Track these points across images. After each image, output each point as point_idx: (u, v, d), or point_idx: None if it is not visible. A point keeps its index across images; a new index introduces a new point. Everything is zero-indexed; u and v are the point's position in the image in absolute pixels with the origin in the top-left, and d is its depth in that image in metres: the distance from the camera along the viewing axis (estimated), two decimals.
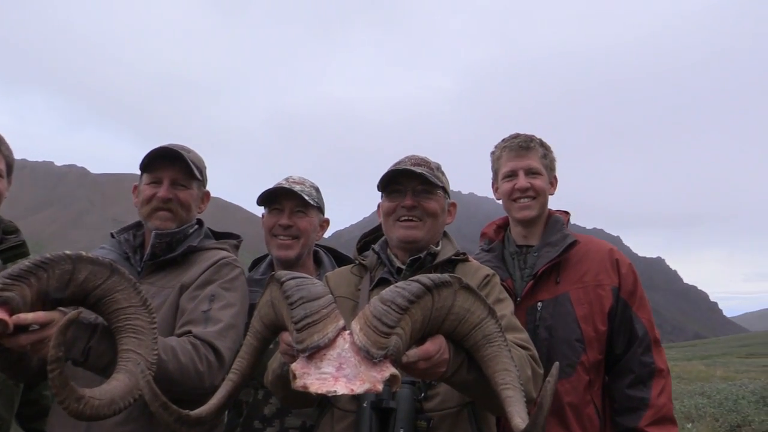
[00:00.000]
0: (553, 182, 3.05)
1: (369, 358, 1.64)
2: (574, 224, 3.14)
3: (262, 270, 3.22)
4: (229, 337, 2.47)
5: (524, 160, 2.97)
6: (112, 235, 2.81)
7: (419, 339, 1.82)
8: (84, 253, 2.00)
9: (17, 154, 2.87)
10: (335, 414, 2.37)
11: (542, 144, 3.01)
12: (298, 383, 1.63)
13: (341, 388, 1.58)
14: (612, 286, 2.83)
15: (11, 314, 1.83)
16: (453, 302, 1.82)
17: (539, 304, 2.84)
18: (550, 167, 3.02)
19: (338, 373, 1.63)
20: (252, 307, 2.86)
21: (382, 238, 2.72)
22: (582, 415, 2.71)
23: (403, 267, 2.54)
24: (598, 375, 2.84)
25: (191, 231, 2.79)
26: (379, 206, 2.72)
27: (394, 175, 2.57)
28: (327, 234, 3.28)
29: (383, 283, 2.52)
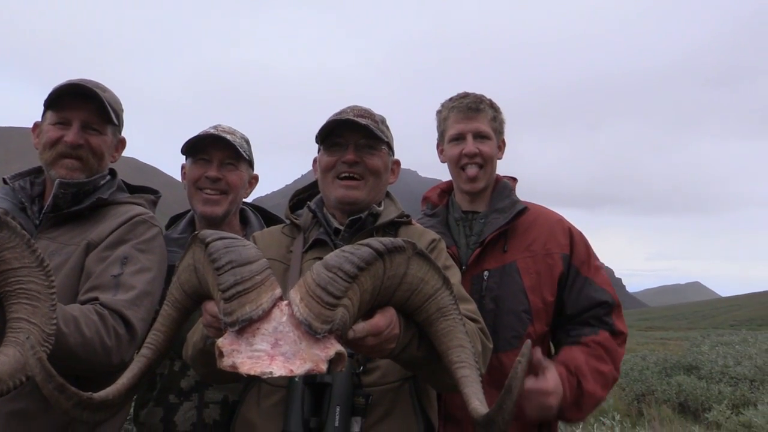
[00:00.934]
0: (501, 146, 2.87)
1: (311, 333, 1.41)
2: None
3: (181, 228, 2.89)
4: (143, 306, 2.17)
5: (473, 123, 2.76)
6: (5, 181, 2.43)
7: (367, 312, 1.60)
8: None
9: None
10: (262, 389, 2.14)
11: (492, 105, 2.81)
12: (226, 362, 1.38)
13: (278, 369, 1.34)
14: (562, 254, 2.69)
15: None
16: (406, 270, 1.61)
17: (486, 273, 2.67)
18: (499, 130, 2.84)
19: (274, 351, 1.39)
20: (170, 271, 2.55)
21: (318, 196, 2.47)
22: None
23: (341, 228, 2.31)
24: (543, 347, 2.72)
25: (102, 182, 2.44)
26: (315, 161, 2.47)
27: (335, 126, 2.31)
28: (248, 199, 2.98)
29: (319, 244, 2.29)
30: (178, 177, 2.85)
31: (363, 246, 1.55)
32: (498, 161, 2.85)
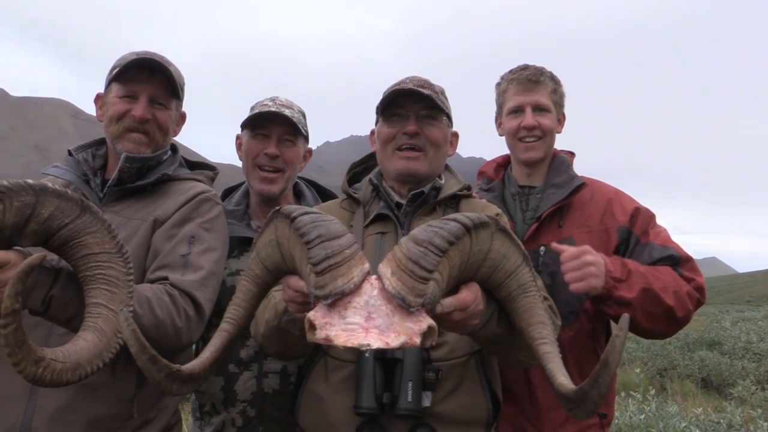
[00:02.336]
0: (561, 119, 2.82)
1: (404, 306, 1.43)
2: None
3: (236, 200, 2.89)
4: (210, 286, 2.18)
5: (532, 95, 2.72)
6: (70, 153, 2.43)
7: (452, 288, 1.61)
8: (49, 184, 1.67)
9: None
10: (329, 364, 2.14)
11: (552, 77, 2.77)
12: (319, 335, 1.39)
13: (375, 341, 1.36)
14: (618, 227, 2.65)
15: None
16: (490, 246, 1.62)
17: (542, 248, 2.66)
18: (560, 103, 2.79)
19: (368, 324, 1.41)
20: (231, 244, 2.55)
21: (377, 169, 2.45)
22: (583, 364, 2.59)
23: (403, 202, 2.30)
24: (602, 325, 2.71)
25: (165, 157, 2.44)
26: (373, 132, 2.45)
27: (396, 97, 2.27)
28: None
29: (381, 219, 2.28)
30: (188, 145, 2.81)
31: (450, 221, 1.56)
32: (558, 135, 2.81)
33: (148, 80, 2.31)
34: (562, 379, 1.51)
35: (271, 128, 2.72)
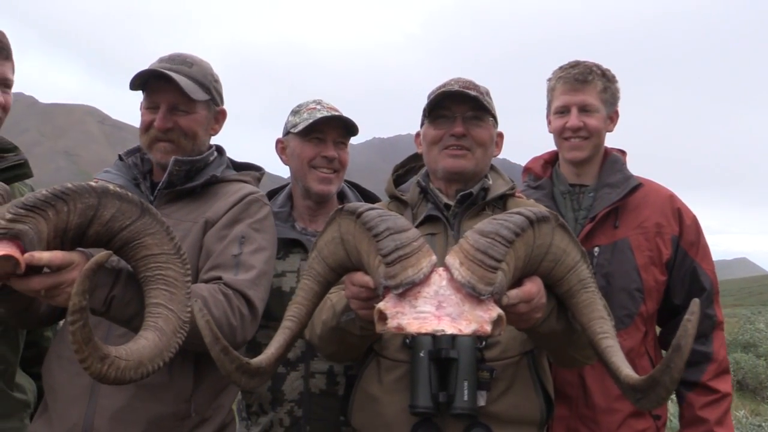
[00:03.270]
0: (613, 117, 2.78)
1: (474, 295, 1.45)
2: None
3: (280, 202, 2.93)
4: (262, 286, 2.21)
5: (578, 95, 2.69)
6: (120, 158, 2.47)
7: (516, 281, 1.63)
8: (111, 187, 1.70)
9: None
10: (382, 364, 2.16)
11: (604, 75, 2.72)
12: (391, 324, 1.42)
13: (448, 327, 1.39)
14: (672, 235, 2.64)
15: (23, 251, 1.53)
16: (551, 241, 1.65)
17: (596, 249, 2.63)
18: (611, 101, 2.74)
19: (439, 312, 1.44)
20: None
21: (423, 171, 2.46)
22: (637, 366, 2.56)
23: (451, 203, 2.31)
24: (651, 326, 2.70)
25: (211, 159, 2.47)
26: (418, 135, 2.46)
27: (442, 99, 2.29)
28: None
29: (430, 220, 2.29)
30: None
31: (514, 214, 1.59)
32: (608, 133, 2.77)
33: (166, 88, 2.31)
34: (628, 371, 1.53)
35: (327, 132, 2.75)
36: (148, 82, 2.33)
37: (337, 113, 2.75)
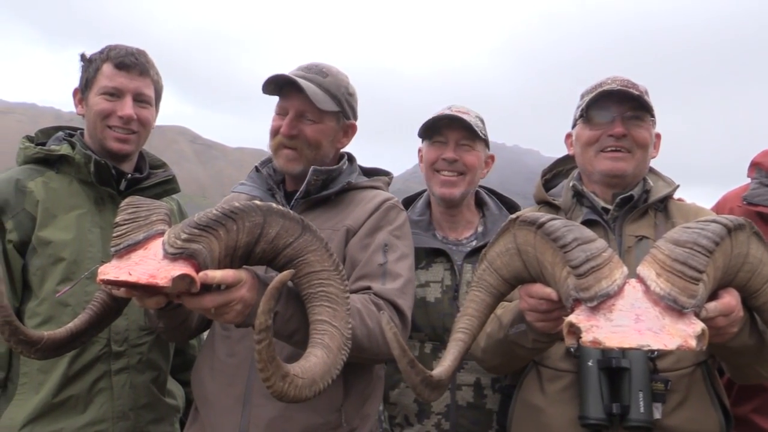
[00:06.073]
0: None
1: (676, 308, 1.39)
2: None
3: (419, 210, 2.90)
4: (409, 293, 2.19)
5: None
6: (257, 168, 2.49)
7: (711, 294, 1.55)
8: (274, 205, 1.73)
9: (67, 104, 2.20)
10: (544, 375, 2.11)
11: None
12: (586, 338, 1.37)
13: (652, 342, 1.34)
14: None
15: (198, 270, 1.58)
16: (748, 250, 1.56)
17: None
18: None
19: (638, 326, 1.38)
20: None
21: (575, 174, 2.37)
22: None
23: (609, 207, 2.22)
24: None
25: (344, 167, 2.45)
26: (568, 136, 2.39)
27: (600, 98, 2.20)
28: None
29: (589, 225, 2.14)
30: None
31: (710, 222, 1.52)
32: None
33: (296, 95, 2.28)
34: None
35: (448, 134, 2.72)
36: (282, 87, 2.33)
37: (458, 115, 2.70)
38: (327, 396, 2.12)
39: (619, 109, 2.20)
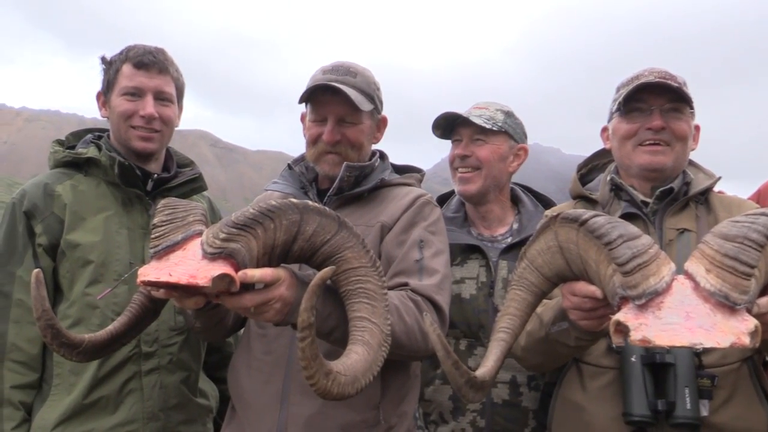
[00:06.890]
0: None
1: (728, 304, 1.35)
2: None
3: (453, 207, 2.90)
4: (446, 289, 2.18)
5: None
6: (290, 166, 2.49)
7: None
8: (310, 202, 1.71)
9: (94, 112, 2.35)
10: (585, 371, 2.08)
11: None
12: (635, 336, 1.34)
13: (705, 340, 1.30)
14: None
15: (237, 270, 1.57)
16: None
17: None
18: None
19: (689, 324, 1.34)
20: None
21: (613, 167, 2.34)
22: None
23: (649, 200, 2.19)
24: None
25: (377, 164, 2.45)
26: (604, 129, 2.36)
27: (637, 91, 2.17)
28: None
29: (629, 218, 2.13)
30: None
31: (760, 215, 1.47)
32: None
33: (333, 101, 2.28)
34: None
35: (461, 132, 2.77)
36: (314, 94, 2.32)
37: (475, 113, 2.72)
38: (364, 393, 2.11)
39: (657, 101, 2.17)
